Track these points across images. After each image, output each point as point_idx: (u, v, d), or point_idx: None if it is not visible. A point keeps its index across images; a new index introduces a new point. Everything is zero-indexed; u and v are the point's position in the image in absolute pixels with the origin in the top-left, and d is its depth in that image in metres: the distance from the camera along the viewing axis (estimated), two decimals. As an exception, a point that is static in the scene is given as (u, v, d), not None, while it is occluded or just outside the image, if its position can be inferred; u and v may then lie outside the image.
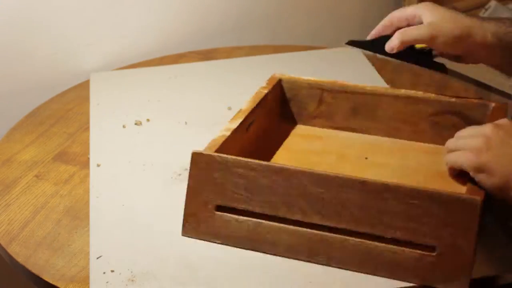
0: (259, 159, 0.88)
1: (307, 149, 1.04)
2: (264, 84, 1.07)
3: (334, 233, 0.83)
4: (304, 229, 0.84)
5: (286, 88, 1.09)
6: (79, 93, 1.31)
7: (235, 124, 0.95)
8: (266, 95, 1.04)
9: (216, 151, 0.88)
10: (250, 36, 1.72)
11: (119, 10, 1.47)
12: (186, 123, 1.18)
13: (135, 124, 1.18)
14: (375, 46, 1.00)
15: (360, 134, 1.07)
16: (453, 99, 1.02)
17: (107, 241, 0.90)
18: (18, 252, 0.89)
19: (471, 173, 0.84)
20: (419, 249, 0.80)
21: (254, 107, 1.00)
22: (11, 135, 1.17)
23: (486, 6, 2.07)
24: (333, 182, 0.82)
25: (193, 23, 1.60)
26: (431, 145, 1.03)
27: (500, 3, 2.07)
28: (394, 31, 0.98)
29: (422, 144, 1.04)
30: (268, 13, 1.75)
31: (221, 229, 0.87)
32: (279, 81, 1.08)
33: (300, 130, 1.09)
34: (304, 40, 1.80)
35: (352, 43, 1.01)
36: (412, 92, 1.04)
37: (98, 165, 1.06)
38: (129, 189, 1.01)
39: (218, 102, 1.25)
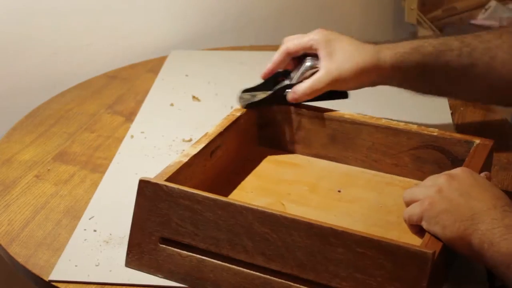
0: (222, 187, 0.83)
1: (279, 177, 0.98)
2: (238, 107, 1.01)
3: (278, 277, 0.77)
4: (248, 271, 0.78)
5: (261, 112, 1.02)
6: (79, 93, 1.31)
7: (196, 150, 0.88)
8: (238, 118, 0.97)
9: (168, 179, 0.82)
10: (250, 36, 1.72)
11: (119, 10, 1.48)
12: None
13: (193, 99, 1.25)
14: (274, 99, 1.00)
15: (338, 164, 1.00)
16: (435, 133, 0.94)
17: (106, 205, 0.95)
18: (19, 253, 0.89)
19: (424, 226, 0.78)
20: None
21: (222, 131, 0.93)
22: (11, 135, 1.17)
23: (486, 6, 2.07)
24: (279, 222, 0.75)
25: (193, 23, 1.60)
26: (412, 180, 0.96)
27: (500, 3, 2.07)
28: (289, 63, 1.01)
29: (401, 178, 0.97)
30: (268, 13, 1.75)
31: (164, 263, 0.81)
32: None
33: (275, 156, 1.02)
34: (304, 40, 1.79)
35: (251, 105, 1.00)
36: (393, 123, 0.97)
37: (132, 137, 1.13)
38: (151, 160, 1.06)
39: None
